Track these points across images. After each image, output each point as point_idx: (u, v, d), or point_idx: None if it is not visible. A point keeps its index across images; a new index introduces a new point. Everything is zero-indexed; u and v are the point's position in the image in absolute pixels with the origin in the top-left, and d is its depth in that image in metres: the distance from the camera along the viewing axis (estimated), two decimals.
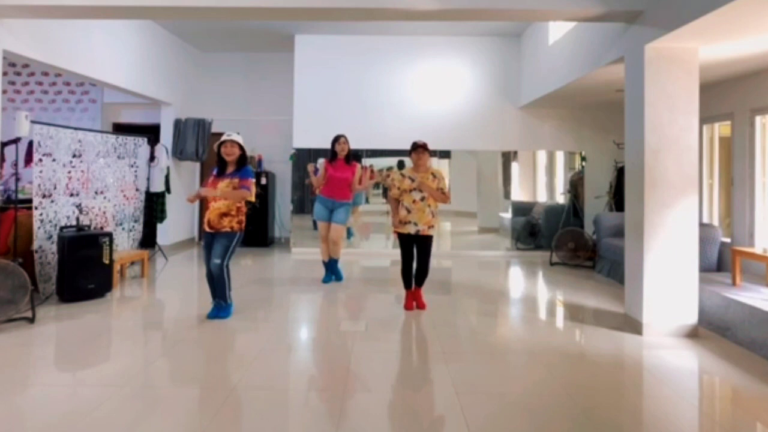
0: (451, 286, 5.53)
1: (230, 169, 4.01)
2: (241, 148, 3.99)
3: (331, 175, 5.16)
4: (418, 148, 4.30)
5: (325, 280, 5.34)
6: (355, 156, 5.42)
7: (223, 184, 3.93)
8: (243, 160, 4.01)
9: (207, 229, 3.96)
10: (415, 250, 4.34)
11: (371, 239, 8.20)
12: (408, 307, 4.39)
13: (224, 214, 3.91)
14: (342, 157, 5.19)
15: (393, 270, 6.16)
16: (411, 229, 4.26)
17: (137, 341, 3.66)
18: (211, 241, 3.98)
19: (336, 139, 5.23)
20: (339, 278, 5.41)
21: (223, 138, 3.99)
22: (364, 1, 3.79)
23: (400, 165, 9.96)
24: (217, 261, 3.94)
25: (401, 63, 7.36)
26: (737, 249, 4.21)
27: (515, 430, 2.38)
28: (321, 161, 9.59)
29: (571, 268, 6.37)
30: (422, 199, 4.26)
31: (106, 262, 4.69)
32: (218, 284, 3.99)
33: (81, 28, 5.08)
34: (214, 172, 4.04)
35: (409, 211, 4.27)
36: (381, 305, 4.57)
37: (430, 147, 4.40)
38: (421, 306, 4.41)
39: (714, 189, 5.39)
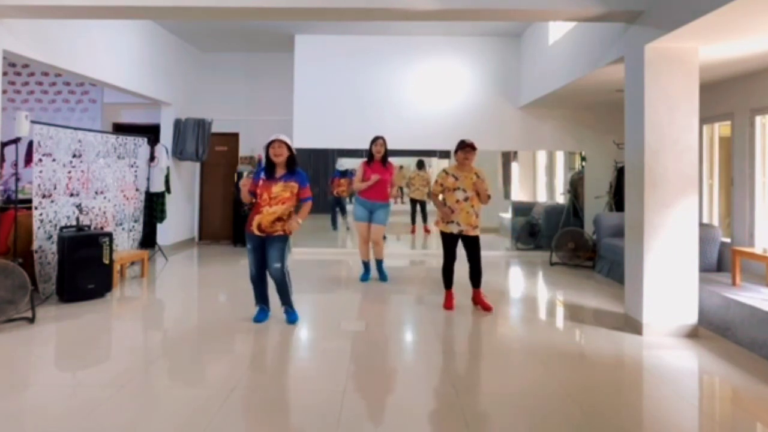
0: None
1: (280, 171, 3.79)
2: (289, 148, 3.77)
3: (369, 178, 5.17)
4: (466, 146, 4.14)
5: (363, 279, 5.41)
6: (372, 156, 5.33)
7: (278, 188, 3.73)
8: (292, 161, 3.80)
9: (256, 233, 3.74)
10: (465, 252, 4.26)
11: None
12: (448, 306, 4.30)
13: (279, 219, 3.76)
14: (378, 158, 5.20)
15: (412, 270, 6.17)
16: (454, 229, 4.17)
17: (137, 341, 3.67)
18: (261, 245, 3.80)
19: (373, 141, 5.24)
20: (384, 278, 5.41)
21: (271, 138, 3.77)
22: (364, 1, 3.79)
23: (420, 165, 9.93)
24: (277, 265, 3.77)
25: (401, 63, 7.36)
26: (737, 249, 4.21)
27: (515, 430, 2.38)
28: (340, 161, 9.59)
29: (571, 268, 6.37)
30: (465, 199, 4.15)
31: (106, 262, 4.69)
32: (282, 289, 3.86)
33: (81, 28, 5.08)
34: (263, 176, 3.76)
35: (452, 211, 4.17)
36: (397, 305, 4.57)
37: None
38: (485, 307, 4.26)
39: (714, 189, 5.39)
